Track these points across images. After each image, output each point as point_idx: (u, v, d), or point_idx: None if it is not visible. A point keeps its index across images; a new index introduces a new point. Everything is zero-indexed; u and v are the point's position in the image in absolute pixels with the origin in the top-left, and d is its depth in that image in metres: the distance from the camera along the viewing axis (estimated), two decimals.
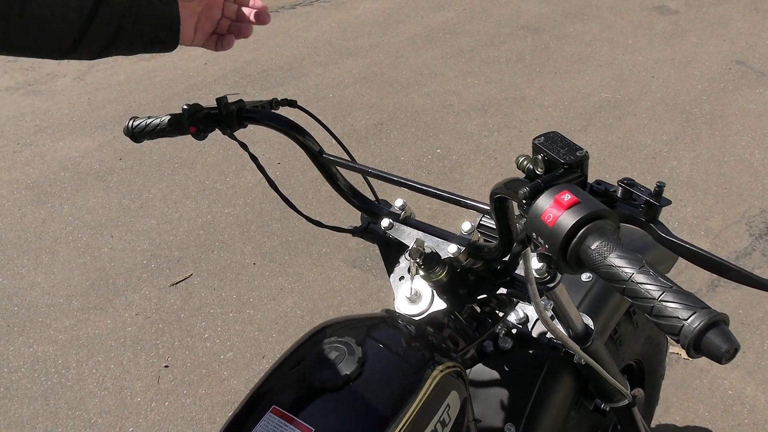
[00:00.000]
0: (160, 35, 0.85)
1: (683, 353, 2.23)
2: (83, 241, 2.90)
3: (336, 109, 3.79)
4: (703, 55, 4.24)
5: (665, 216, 2.82)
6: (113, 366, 2.31)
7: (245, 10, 0.94)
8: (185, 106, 1.02)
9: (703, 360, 2.20)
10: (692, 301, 0.53)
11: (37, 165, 3.44)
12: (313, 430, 0.78)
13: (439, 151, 3.38)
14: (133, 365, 2.31)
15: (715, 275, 2.47)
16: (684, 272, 2.49)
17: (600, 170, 3.15)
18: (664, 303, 0.53)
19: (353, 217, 1.04)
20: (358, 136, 3.52)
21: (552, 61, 4.24)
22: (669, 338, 1.70)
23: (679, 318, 0.52)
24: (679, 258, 0.74)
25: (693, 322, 0.51)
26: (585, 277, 1.23)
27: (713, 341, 0.50)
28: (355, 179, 1.05)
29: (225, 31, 0.94)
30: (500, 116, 3.65)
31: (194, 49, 4.64)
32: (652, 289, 0.55)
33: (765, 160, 3.19)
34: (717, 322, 0.51)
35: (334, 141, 1.09)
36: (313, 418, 0.79)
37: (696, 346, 0.51)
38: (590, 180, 0.72)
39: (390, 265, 1.03)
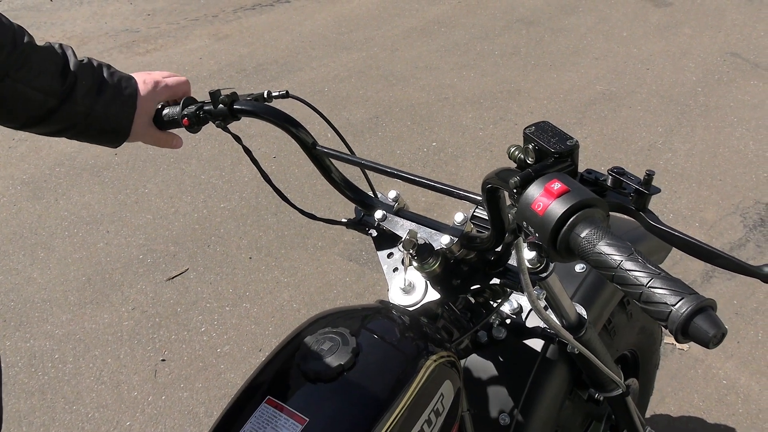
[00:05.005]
0: (106, 139, 1.02)
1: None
2: (79, 236, 2.90)
3: (331, 103, 3.78)
4: (697, 47, 4.24)
5: (660, 207, 2.83)
6: (110, 360, 2.31)
7: None
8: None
9: (698, 350, 2.21)
10: (680, 287, 0.53)
11: (33, 160, 3.44)
12: (308, 420, 0.79)
13: (434, 144, 3.38)
14: (130, 359, 2.31)
15: (710, 266, 2.49)
16: (679, 263, 2.50)
17: (595, 162, 3.15)
18: (652, 289, 0.54)
19: (349, 211, 1.04)
20: (354, 130, 3.52)
21: (547, 54, 4.24)
22: (660, 325, 1.71)
23: (667, 304, 0.53)
24: (674, 249, 0.75)
25: (681, 307, 0.52)
26: (579, 267, 1.24)
27: (701, 326, 0.51)
28: (349, 171, 1.05)
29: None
30: (495, 109, 3.66)
31: (190, 43, 4.62)
32: (640, 275, 0.55)
33: (759, 152, 3.20)
34: (704, 308, 0.52)
35: (328, 134, 1.09)
36: (307, 408, 0.80)
37: (684, 331, 0.52)
38: (581, 169, 0.72)
39: (384, 256, 1.04)
